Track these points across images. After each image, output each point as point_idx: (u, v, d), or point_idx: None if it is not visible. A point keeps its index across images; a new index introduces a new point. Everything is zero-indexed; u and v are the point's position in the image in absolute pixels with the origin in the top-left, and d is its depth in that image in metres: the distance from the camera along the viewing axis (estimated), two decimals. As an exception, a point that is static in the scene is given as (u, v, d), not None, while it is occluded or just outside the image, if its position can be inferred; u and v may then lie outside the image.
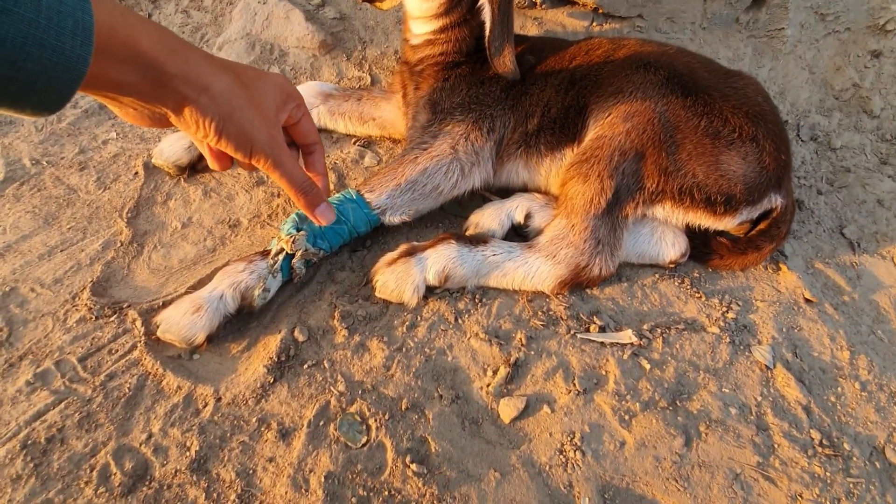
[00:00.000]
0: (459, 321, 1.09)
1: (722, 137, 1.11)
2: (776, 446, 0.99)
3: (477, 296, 1.14)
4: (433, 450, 0.91)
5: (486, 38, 1.20)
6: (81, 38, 0.50)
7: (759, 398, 1.06)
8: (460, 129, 1.24)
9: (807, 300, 1.25)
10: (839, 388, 1.11)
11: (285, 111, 0.81)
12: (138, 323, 1.00)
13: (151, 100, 0.64)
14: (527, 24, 1.70)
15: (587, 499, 0.90)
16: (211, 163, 0.83)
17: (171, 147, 1.29)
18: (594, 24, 1.69)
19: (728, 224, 1.19)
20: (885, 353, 1.22)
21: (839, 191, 1.61)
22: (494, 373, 1.02)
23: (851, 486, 0.97)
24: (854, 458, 1.00)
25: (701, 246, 1.24)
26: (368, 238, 1.24)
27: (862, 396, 1.11)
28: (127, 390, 0.92)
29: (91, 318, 1.01)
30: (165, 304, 1.03)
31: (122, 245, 1.15)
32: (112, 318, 1.02)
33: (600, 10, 1.66)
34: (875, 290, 1.35)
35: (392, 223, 1.20)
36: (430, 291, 1.12)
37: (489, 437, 0.95)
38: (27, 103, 0.50)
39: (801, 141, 1.74)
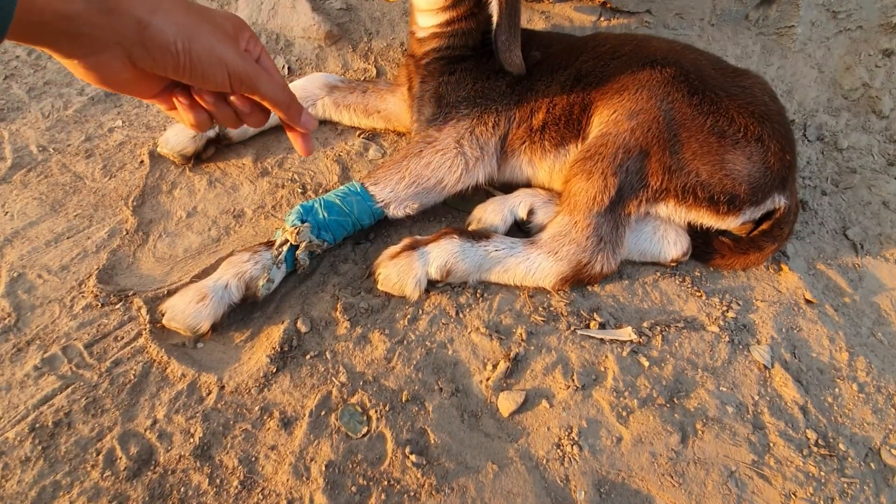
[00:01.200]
0: (460, 315, 1.10)
1: (727, 137, 1.11)
2: (772, 445, 1.00)
3: (478, 290, 1.15)
4: (432, 441, 0.92)
5: (494, 33, 1.20)
6: None
7: (757, 397, 1.06)
8: (465, 124, 1.25)
9: (807, 301, 1.25)
10: (837, 389, 1.12)
11: (242, 38, 0.76)
12: (143, 311, 1.02)
13: (108, 33, 0.62)
14: (534, 18, 1.69)
15: (583, 493, 0.91)
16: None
17: (177, 136, 1.30)
18: (602, 18, 1.68)
19: (731, 224, 1.19)
20: (884, 355, 1.22)
21: (844, 192, 1.60)
22: (494, 367, 1.03)
23: (846, 486, 0.98)
24: (849, 459, 1.01)
25: (703, 245, 1.24)
26: (371, 231, 1.24)
27: (859, 398, 1.12)
28: (132, 377, 0.94)
29: (97, 305, 1.03)
30: (170, 293, 1.04)
31: (127, 233, 1.16)
32: (118, 306, 1.03)
33: (608, 5, 1.65)
34: (877, 292, 1.35)
35: (396, 216, 1.20)
36: (431, 285, 1.13)
37: (488, 430, 0.96)
38: None
39: (808, 141, 1.73)
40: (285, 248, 1.07)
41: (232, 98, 0.78)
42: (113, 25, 0.62)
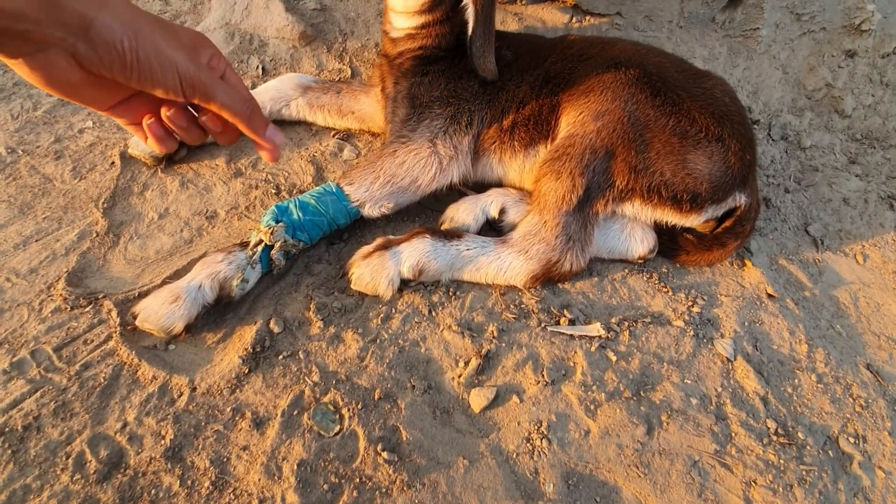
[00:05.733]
0: (433, 314, 1.12)
1: (689, 137, 1.14)
2: (733, 435, 1.04)
3: (451, 289, 1.16)
4: (404, 438, 0.94)
5: (468, 38, 1.22)
6: None
7: (720, 389, 1.10)
8: (439, 123, 1.26)
9: (769, 295, 1.29)
10: (796, 380, 1.16)
11: (203, 53, 0.74)
12: (114, 313, 1.01)
13: (52, 30, 0.61)
14: (507, 20, 1.71)
15: (552, 485, 0.93)
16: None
17: (149, 137, 1.29)
18: (574, 20, 1.71)
19: (694, 221, 1.23)
20: (842, 346, 1.27)
21: (806, 189, 1.66)
22: (466, 364, 1.05)
23: (804, 473, 1.02)
24: (808, 447, 1.05)
25: (669, 242, 1.28)
26: (345, 231, 1.25)
27: (818, 388, 1.16)
28: (102, 380, 0.94)
29: (66, 308, 1.02)
30: (141, 295, 1.04)
31: (97, 235, 1.15)
32: (87, 309, 1.02)
33: (580, 7, 1.68)
34: (836, 286, 1.40)
35: (371, 216, 1.21)
36: (404, 284, 1.15)
37: (459, 426, 0.98)
38: None
39: (772, 140, 1.79)
40: (260, 248, 1.08)
41: (202, 119, 0.77)
42: (57, 20, 0.61)
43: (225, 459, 0.88)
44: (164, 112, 0.76)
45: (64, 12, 0.61)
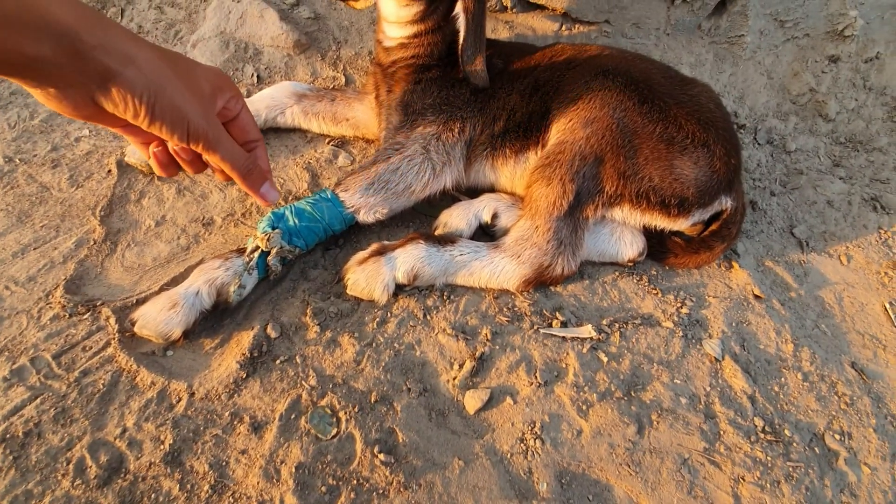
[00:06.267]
0: (428, 317, 1.14)
1: (676, 143, 1.17)
2: (722, 433, 1.07)
3: (445, 293, 1.18)
4: (401, 440, 0.96)
5: (460, 47, 1.24)
6: None
7: (708, 388, 1.13)
8: (432, 130, 1.28)
9: (756, 296, 1.33)
10: (783, 379, 1.19)
11: (221, 99, 0.79)
12: (112, 320, 1.03)
13: (74, 75, 0.62)
14: (498, 28, 1.74)
15: (545, 484, 0.95)
16: (157, 169, 0.82)
17: (145, 146, 1.30)
18: (563, 28, 1.74)
19: (682, 225, 1.26)
20: (827, 345, 1.30)
21: (791, 192, 1.69)
22: (460, 366, 1.07)
23: (791, 469, 1.04)
24: (794, 444, 1.08)
25: (657, 245, 1.31)
26: (341, 237, 1.27)
27: (804, 386, 1.19)
28: (101, 386, 0.95)
29: (65, 315, 1.03)
30: (139, 302, 1.06)
31: (95, 243, 1.17)
32: (86, 316, 1.04)
33: (569, 15, 1.71)
34: (821, 286, 1.44)
35: (366, 222, 1.23)
36: (399, 289, 1.17)
37: (454, 428, 1.00)
38: None
39: (758, 144, 1.83)
40: (257, 254, 1.09)
41: (206, 159, 0.81)
42: (80, 70, 0.62)
43: (224, 463, 0.90)
44: (172, 145, 0.80)
45: (88, 64, 0.62)
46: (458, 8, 1.23)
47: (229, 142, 0.78)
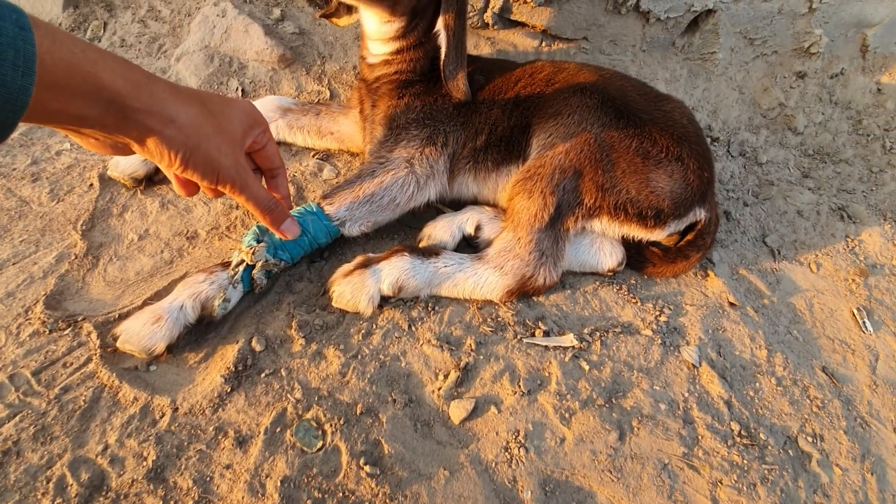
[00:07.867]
0: (413, 329, 1.15)
1: (651, 157, 1.21)
2: (700, 438, 1.09)
3: (430, 304, 1.20)
4: (386, 452, 0.96)
5: (442, 62, 1.27)
6: (23, 69, 0.50)
7: (686, 394, 1.16)
8: (415, 144, 1.31)
9: (731, 304, 1.37)
10: (757, 384, 1.23)
11: (251, 136, 0.84)
12: (94, 335, 1.02)
13: (114, 131, 0.65)
14: (480, 44, 1.78)
15: (530, 492, 0.97)
16: (177, 189, 0.85)
17: (128, 159, 1.30)
18: (543, 44, 1.79)
19: (658, 235, 1.30)
20: (799, 350, 1.35)
21: (763, 202, 1.75)
22: (445, 377, 1.08)
23: (766, 472, 1.08)
24: (769, 447, 1.11)
25: (636, 255, 1.34)
26: (326, 250, 1.28)
27: (777, 391, 1.23)
28: (82, 403, 0.94)
29: (45, 331, 1.02)
30: (122, 317, 1.05)
31: (76, 258, 1.16)
32: (66, 332, 1.03)
33: (549, 32, 1.76)
34: (792, 293, 1.49)
35: (351, 234, 1.25)
36: (384, 301, 1.18)
37: (440, 438, 1.01)
38: None
39: (731, 156, 1.89)
40: (241, 267, 1.10)
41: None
42: (120, 126, 0.65)
43: (208, 479, 0.89)
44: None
45: (130, 124, 0.65)
46: (439, 24, 1.26)
47: (255, 184, 0.83)
